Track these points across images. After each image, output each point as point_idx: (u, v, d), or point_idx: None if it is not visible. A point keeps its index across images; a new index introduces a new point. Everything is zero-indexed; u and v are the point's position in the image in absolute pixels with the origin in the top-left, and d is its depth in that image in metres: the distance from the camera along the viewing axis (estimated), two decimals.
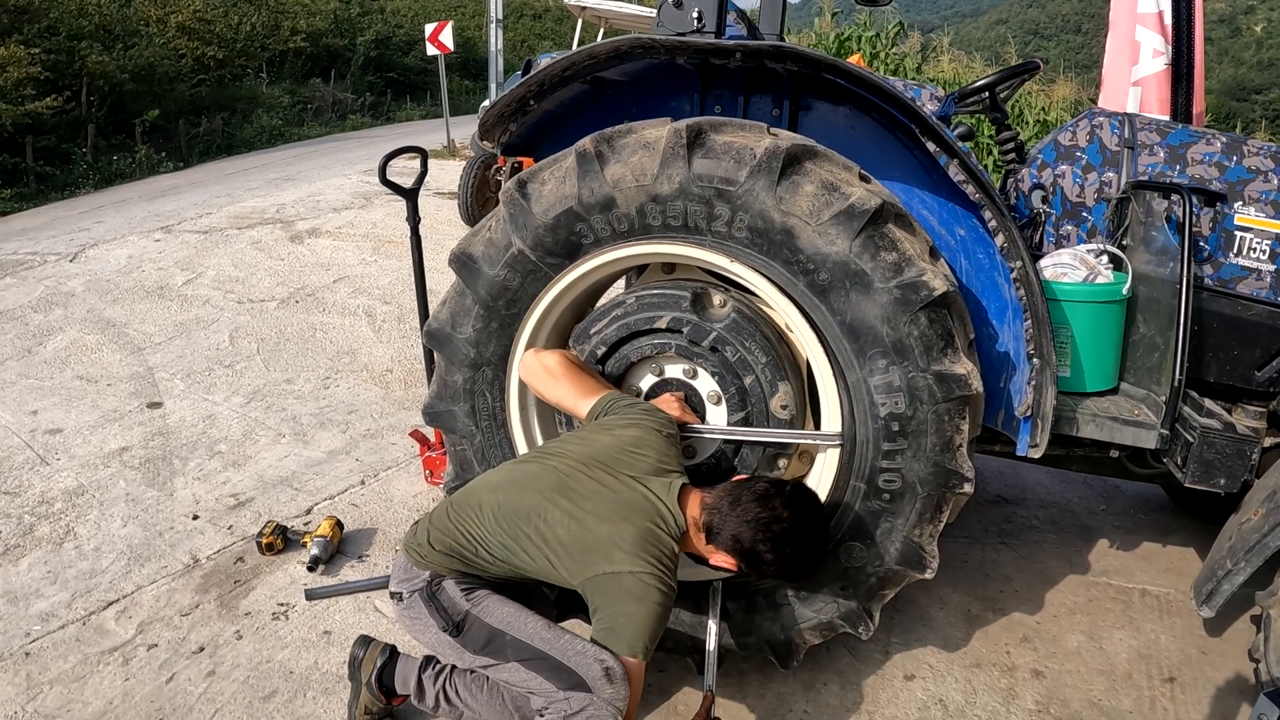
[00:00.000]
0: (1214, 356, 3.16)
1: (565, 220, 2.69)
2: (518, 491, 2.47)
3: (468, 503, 2.53)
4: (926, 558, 2.69)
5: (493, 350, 2.90)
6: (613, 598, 2.28)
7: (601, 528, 2.34)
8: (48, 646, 3.28)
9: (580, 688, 2.30)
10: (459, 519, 2.51)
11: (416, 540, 2.57)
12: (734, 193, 2.52)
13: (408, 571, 2.56)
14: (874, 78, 2.59)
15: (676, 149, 2.54)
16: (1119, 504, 4.56)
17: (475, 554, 2.47)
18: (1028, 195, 3.37)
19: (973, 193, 2.63)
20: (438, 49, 15.65)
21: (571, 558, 2.34)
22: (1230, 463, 2.83)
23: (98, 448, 4.82)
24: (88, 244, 9.01)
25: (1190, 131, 3.24)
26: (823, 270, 2.50)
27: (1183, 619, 3.61)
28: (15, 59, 14.48)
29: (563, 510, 2.39)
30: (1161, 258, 3.04)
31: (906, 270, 2.44)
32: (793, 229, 2.49)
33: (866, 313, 2.49)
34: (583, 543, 2.34)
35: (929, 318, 2.46)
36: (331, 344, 6.42)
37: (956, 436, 2.55)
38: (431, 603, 2.49)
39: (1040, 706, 3.09)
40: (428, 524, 2.58)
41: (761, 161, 2.48)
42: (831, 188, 2.48)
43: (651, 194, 2.59)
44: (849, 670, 3.21)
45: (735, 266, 2.58)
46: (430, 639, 2.55)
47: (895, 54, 13.92)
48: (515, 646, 2.41)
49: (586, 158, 2.63)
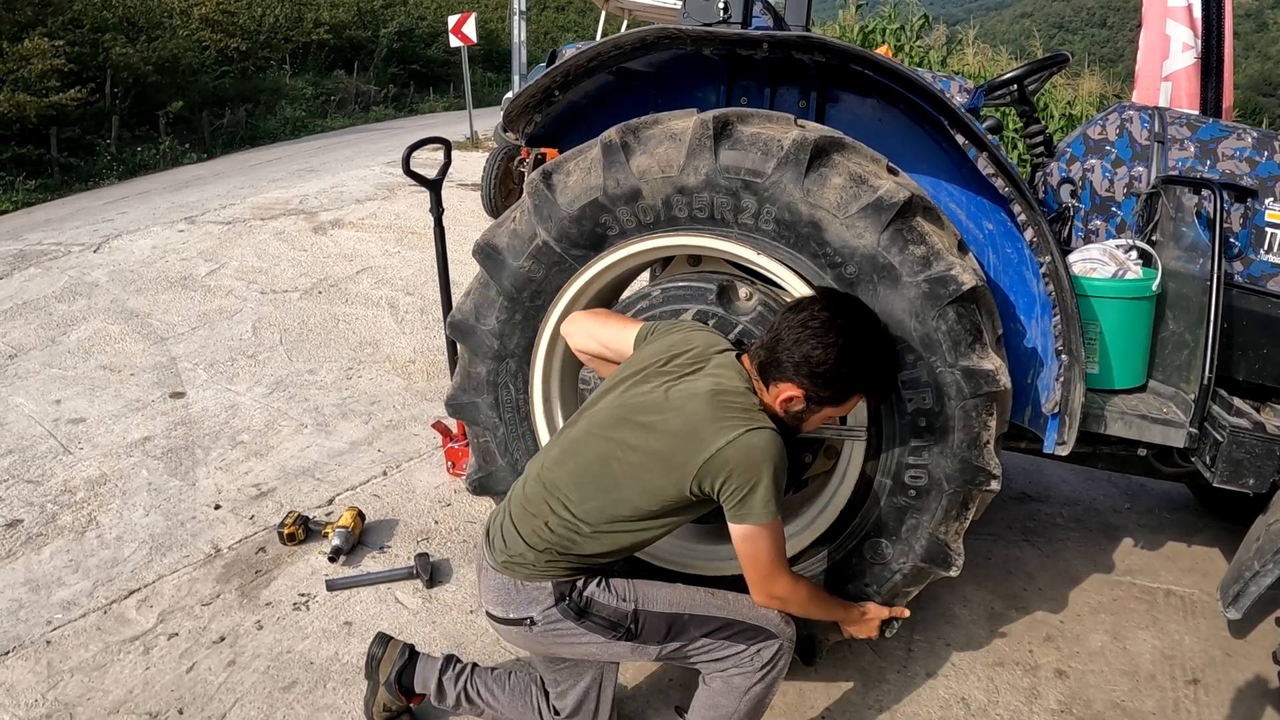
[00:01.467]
0: (1243, 355, 3.11)
1: (590, 211, 2.67)
2: (582, 448, 2.33)
3: (535, 493, 2.36)
4: (952, 555, 2.66)
5: (516, 342, 2.89)
6: (730, 474, 2.14)
7: (679, 420, 2.20)
8: (69, 635, 3.29)
9: (765, 637, 2.35)
10: (539, 510, 2.33)
11: (510, 554, 2.35)
12: (761, 185, 2.49)
13: (519, 591, 2.35)
14: (903, 69, 2.56)
15: (703, 140, 2.52)
16: (1144, 502, 4.52)
17: (575, 536, 2.29)
18: (1056, 189, 3.33)
19: (1002, 186, 2.60)
20: (461, 41, 15.66)
21: (670, 465, 2.19)
22: (1260, 463, 2.78)
23: (120, 437, 4.85)
24: (111, 235, 9.07)
25: (1221, 126, 3.20)
26: (850, 263, 2.47)
27: (1207, 620, 3.57)
28: (40, 51, 14.54)
29: (633, 432, 2.25)
30: (1191, 254, 3.00)
31: (935, 264, 2.42)
32: (820, 221, 2.47)
33: (894, 307, 2.46)
34: (671, 444, 2.19)
35: (957, 313, 2.43)
36: (354, 335, 6.44)
37: (984, 433, 2.52)
38: (586, 616, 2.33)
39: (1063, 706, 3.06)
40: (511, 532, 2.37)
41: (789, 153, 2.46)
42: (860, 180, 2.46)
43: (678, 185, 2.57)
44: (871, 668, 3.19)
45: (762, 259, 2.55)
46: (590, 651, 2.40)
47: (920, 47, 13.83)
48: (696, 623, 2.35)
49: (612, 148, 2.61)
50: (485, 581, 2.43)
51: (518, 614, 2.35)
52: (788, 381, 2.22)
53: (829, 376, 2.20)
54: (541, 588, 2.32)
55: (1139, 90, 5.61)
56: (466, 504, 4.18)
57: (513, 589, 2.34)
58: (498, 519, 2.45)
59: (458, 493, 4.27)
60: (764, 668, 2.35)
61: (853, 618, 2.63)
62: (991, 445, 2.55)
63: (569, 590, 2.33)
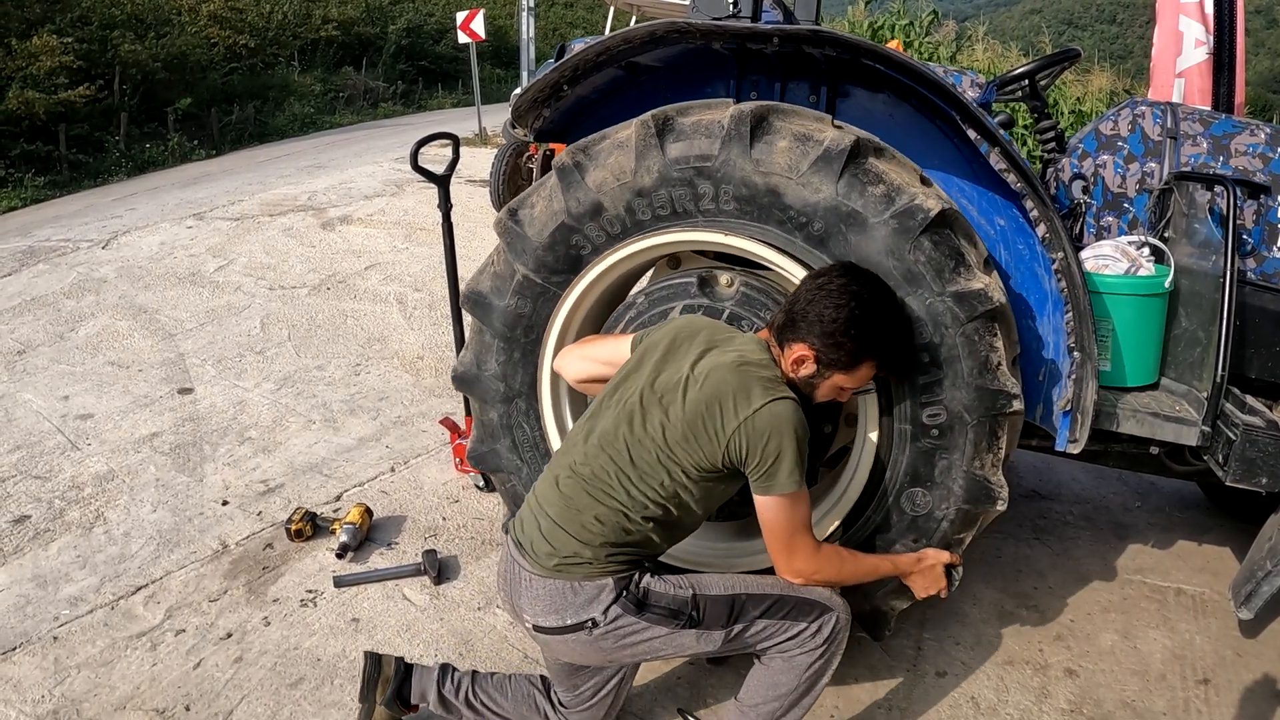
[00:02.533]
0: (1256, 352, 3.08)
1: (560, 235, 2.74)
2: (616, 437, 2.28)
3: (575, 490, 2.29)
4: (994, 489, 2.58)
5: (521, 380, 2.94)
6: (755, 444, 2.15)
7: (707, 390, 2.19)
8: (76, 631, 3.30)
9: (821, 612, 2.33)
10: (584, 504, 2.27)
11: (562, 555, 2.26)
12: (712, 167, 2.54)
13: (577, 593, 2.26)
14: (914, 63, 2.54)
15: (648, 140, 2.59)
16: (1154, 501, 4.49)
17: (625, 524, 2.25)
18: (1068, 185, 3.30)
19: (1014, 182, 2.58)
20: (469, 37, 15.66)
21: (702, 436, 2.18)
22: (1273, 461, 2.74)
23: (128, 433, 4.86)
24: (120, 231, 9.10)
25: (1234, 122, 3.17)
26: (816, 220, 2.49)
27: (1218, 619, 3.54)
28: (48, 48, 14.62)
29: (664, 412, 2.23)
30: (1204, 251, 2.97)
31: (898, 199, 2.42)
32: (777, 187, 2.50)
33: (868, 250, 2.45)
34: (701, 415, 2.18)
35: (932, 240, 2.42)
36: (363, 331, 6.44)
37: (992, 355, 2.47)
38: (646, 609, 2.26)
39: (1073, 706, 3.04)
40: (558, 534, 2.28)
41: (730, 129, 2.51)
42: (804, 138, 2.49)
43: (635, 189, 2.63)
44: (880, 666, 3.17)
45: (732, 239, 2.55)
46: (654, 647, 2.33)
47: (929, 43, 13.80)
48: (753, 602, 2.32)
49: (566, 170, 2.69)
50: (529, 594, 2.31)
51: (576, 618, 2.26)
52: (800, 341, 2.24)
53: (838, 337, 2.21)
54: (602, 585, 2.25)
55: (1153, 87, 5.59)
56: (475, 501, 4.18)
57: (569, 592, 2.26)
58: (531, 527, 2.35)
59: (465, 489, 4.27)
60: (824, 644, 2.33)
61: (908, 568, 2.55)
62: (1004, 366, 2.50)
63: (627, 584, 2.27)
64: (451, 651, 3.17)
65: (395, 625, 3.30)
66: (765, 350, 2.29)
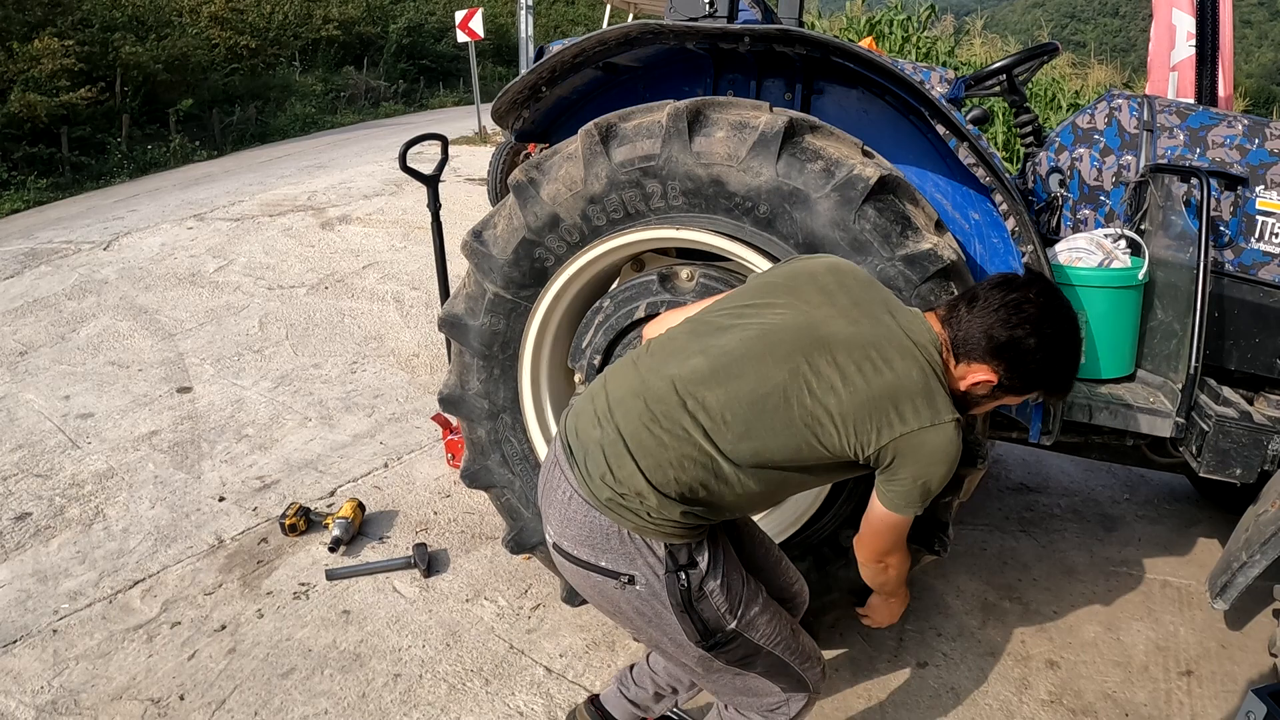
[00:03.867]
0: (1234, 344, 3.11)
1: (524, 250, 2.82)
2: (749, 372, 1.91)
3: (669, 414, 1.92)
4: (973, 448, 2.53)
5: (503, 396, 3.00)
6: (922, 458, 1.90)
7: (889, 377, 1.90)
8: (75, 624, 3.36)
9: (801, 689, 2.19)
10: (675, 436, 1.91)
11: (620, 489, 1.92)
12: (657, 166, 2.60)
13: (624, 543, 1.95)
14: (881, 60, 2.58)
15: (594, 148, 2.66)
16: (1143, 494, 4.51)
17: (712, 478, 1.92)
18: (1045, 179, 3.33)
19: (983, 176, 2.62)
20: (468, 36, 15.67)
21: (862, 423, 1.88)
22: (1246, 452, 2.77)
23: (128, 431, 4.92)
24: (121, 232, 9.15)
25: (1211, 114, 3.18)
26: (761, 203, 2.54)
27: (1203, 612, 3.56)
28: (50, 51, 14.64)
29: (830, 371, 1.90)
30: (1180, 242, 2.98)
31: (837, 171, 2.46)
32: (720, 177, 2.55)
33: (814, 225, 2.49)
34: (873, 400, 1.88)
35: (876, 207, 2.45)
36: (359, 329, 6.48)
37: None
38: (688, 612, 1.98)
39: (1053, 697, 3.07)
40: (624, 461, 1.92)
41: (669, 127, 2.56)
42: (741, 126, 2.54)
43: (587, 197, 2.70)
44: (861, 656, 3.21)
45: (683, 234, 2.61)
46: (664, 638, 2.07)
47: (927, 38, 13.80)
48: (766, 661, 2.12)
49: (522, 187, 2.77)
50: (564, 513, 2.00)
51: (614, 565, 1.97)
52: (982, 364, 2.00)
53: (1030, 368, 2.01)
54: (654, 547, 1.95)
55: (1151, 81, 5.59)
56: (465, 495, 4.22)
57: (614, 537, 1.95)
58: (589, 435, 1.99)
59: (457, 484, 4.31)
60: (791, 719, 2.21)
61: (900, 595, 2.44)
62: None
63: (685, 564, 1.97)
64: (439, 643, 3.23)
65: (385, 617, 3.36)
66: (938, 347, 2.00)
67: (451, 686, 3.03)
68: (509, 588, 3.55)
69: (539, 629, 3.32)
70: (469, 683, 3.05)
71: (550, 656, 3.18)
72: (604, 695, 2.70)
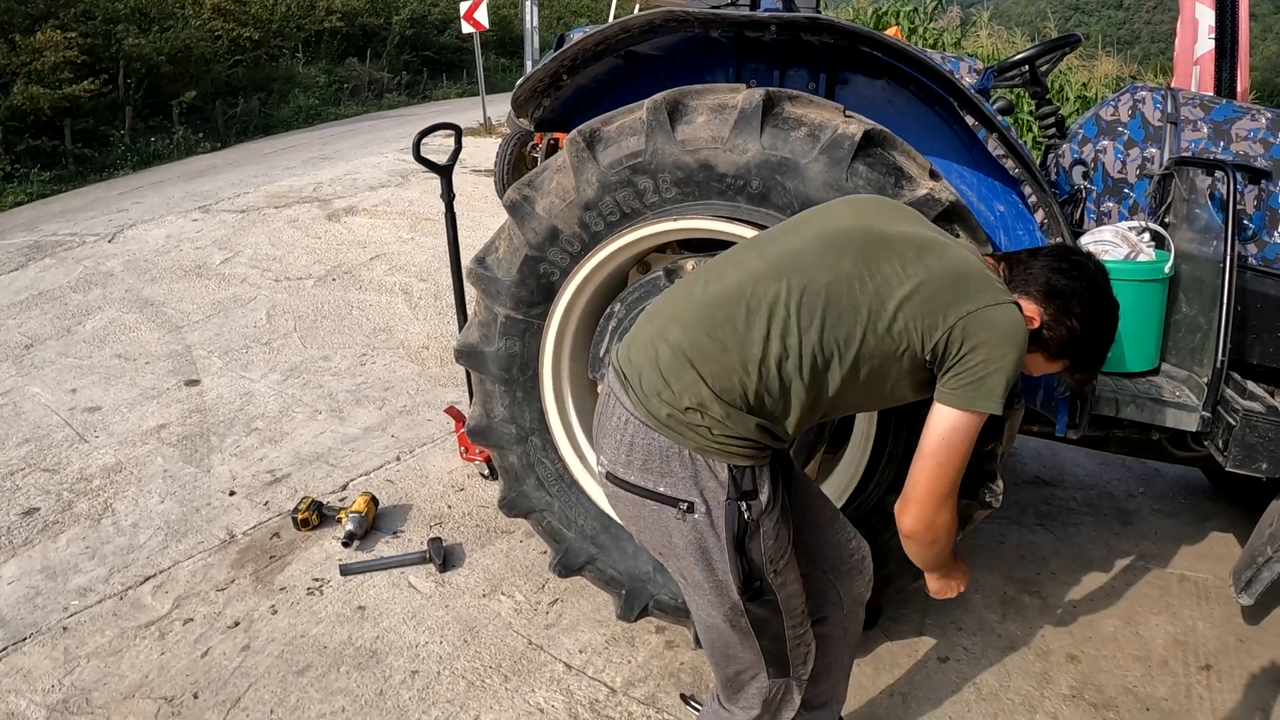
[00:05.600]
0: (1257, 338, 3.08)
1: (528, 268, 2.82)
2: (811, 265, 1.89)
3: (743, 311, 1.87)
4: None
5: (529, 418, 2.98)
6: (992, 338, 1.83)
7: (945, 260, 1.90)
8: (85, 621, 3.33)
9: (782, 674, 2.13)
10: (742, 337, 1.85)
11: (678, 404, 1.85)
12: (645, 161, 2.60)
13: (685, 465, 1.87)
14: (911, 50, 2.55)
15: (581, 155, 2.66)
16: (1158, 487, 4.49)
17: (781, 384, 1.86)
18: (1068, 171, 3.30)
19: (1012, 167, 2.59)
20: (473, 27, 15.63)
21: (925, 303, 1.84)
22: (1273, 447, 2.74)
23: (136, 425, 4.89)
24: (126, 224, 9.13)
25: (1235, 107, 3.16)
26: (752, 179, 2.53)
27: (1221, 606, 3.54)
28: (52, 43, 14.59)
29: (890, 262, 1.88)
30: (1205, 236, 2.97)
31: (821, 134, 2.45)
32: (708, 160, 2.55)
33: (808, 191, 2.48)
34: (935, 285, 1.85)
35: (866, 163, 2.45)
36: (368, 321, 6.46)
37: None
38: (739, 549, 1.91)
39: (1075, 691, 3.05)
40: (684, 370, 1.86)
41: (650, 121, 2.57)
42: (720, 108, 2.55)
43: (582, 204, 2.70)
44: (883, 653, 3.19)
45: (681, 224, 2.61)
46: (702, 579, 1.99)
47: (934, 29, 13.76)
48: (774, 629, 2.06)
49: (517, 205, 2.78)
50: (622, 435, 1.94)
51: (672, 490, 1.89)
52: (1032, 301, 1.99)
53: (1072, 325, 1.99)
54: (717, 468, 1.87)
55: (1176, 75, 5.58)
56: (479, 489, 4.20)
57: (674, 459, 1.87)
58: (643, 355, 1.94)
59: (470, 477, 4.29)
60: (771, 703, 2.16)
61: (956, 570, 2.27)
62: None
63: (748, 492, 1.90)
64: (456, 639, 3.20)
65: (401, 613, 3.33)
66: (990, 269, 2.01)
67: (470, 683, 3.00)
68: (526, 582, 3.53)
69: (557, 624, 3.29)
70: (488, 679, 3.02)
71: (570, 652, 3.15)
72: None
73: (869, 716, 2.93)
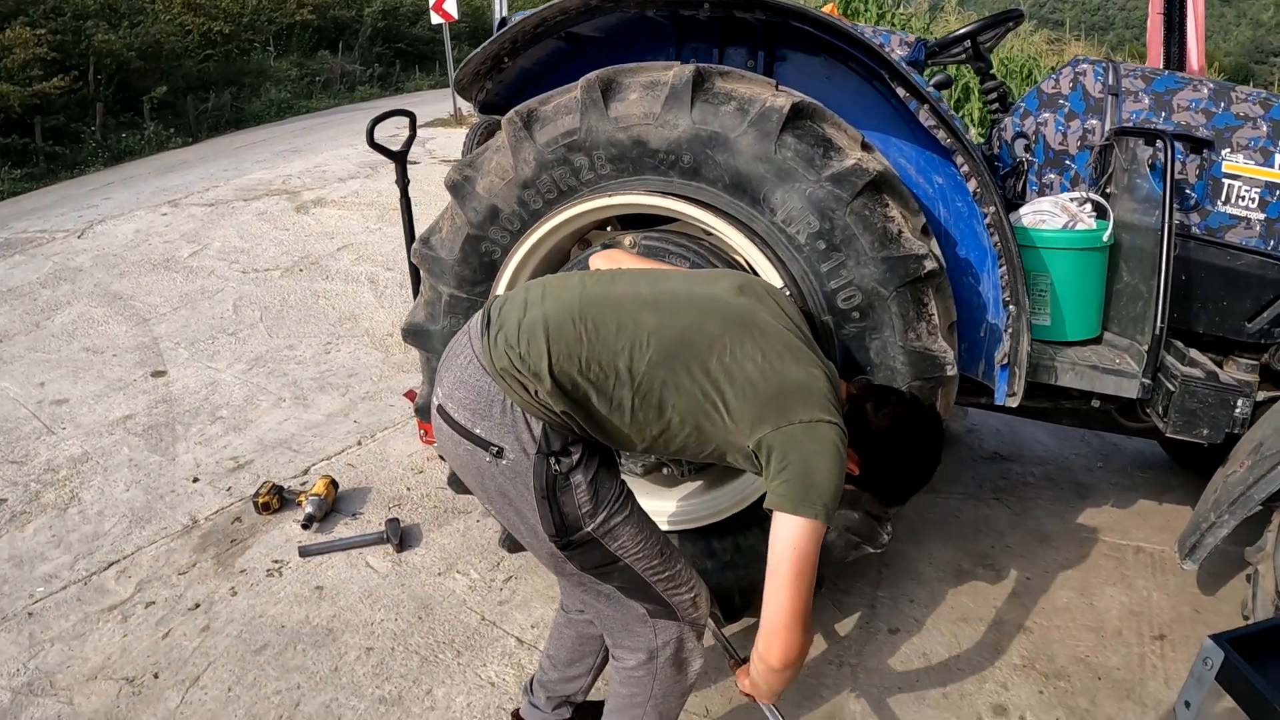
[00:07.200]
0: (1203, 307, 3.10)
1: (470, 247, 2.88)
2: (687, 318, 1.98)
3: (602, 317, 1.97)
4: (938, 355, 2.55)
5: None
6: (812, 451, 1.88)
7: (797, 371, 1.96)
8: (50, 606, 3.37)
9: (668, 615, 2.15)
10: (600, 334, 1.94)
11: (523, 368, 1.92)
12: (580, 139, 2.66)
13: (505, 414, 1.95)
14: (841, 24, 2.58)
15: (519, 135, 2.72)
16: (1117, 461, 4.52)
17: (610, 394, 1.93)
18: (1010, 144, 3.33)
19: (944, 138, 2.61)
20: (442, 18, 15.54)
21: (761, 403, 1.91)
22: (1213, 412, 2.78)
23: (103, 416, 4.90)
24: (95, 220, 9.09)
25: (1177, 78, 3.17)
26: (684, 154, 2.58)
27: (1176, 576, 3.56)
28: (21, 40, 14.46)
29: (754, 344, 1.96)
30: (1146, 205, 2.98)
31: (750, 109, 2.50)
32: (640, 136, 2.60)
33: (739, 164, 2.53)
34: (777, 384, 1.92)
35: (794, 134, 2.48)
36: (334, 310, 6.47)
37: (889, 225, 2.49)
38: (549, 499, 1.96)
39: (1026, 661, 3.08)
40: (538, 341, 1.92)
41: (584, 100, 2.62)
42: (652, 84, 2.60)
43: (520, 183, 2.76)
44: (831, 623, 3.23)
45: (615, 199, 2.66)
46: (522, 527, 2.05)
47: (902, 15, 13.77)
48: (624, 576, 2.09)
49: (458, 186, 2.85)
50: (462, 374, 2.01)
51: (487, 434, 1.96)
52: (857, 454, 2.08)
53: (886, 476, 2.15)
54: (533, 426, 1.94)
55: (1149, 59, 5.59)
56: (439, 471, 4.22)
57: (497, 406, 1.95)
58: (518, 313, 2.01)
59: (430, 460, 4.32)
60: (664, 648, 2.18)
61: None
62: (906, 231, 2.51)
63: (558, 452, 1.96)
64: (411, 616, 3.24)
65: (358, 592, 3.36)
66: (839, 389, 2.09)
67: (424, 659, 3.04)
68: (481, 561, 3.56)
69: (511, 600, 3.33)
70: (441, 654, 3.06)
71: (522, 628, 3.19)
72: (523, 710, 2.65)
73: (816, 685, 2.95)
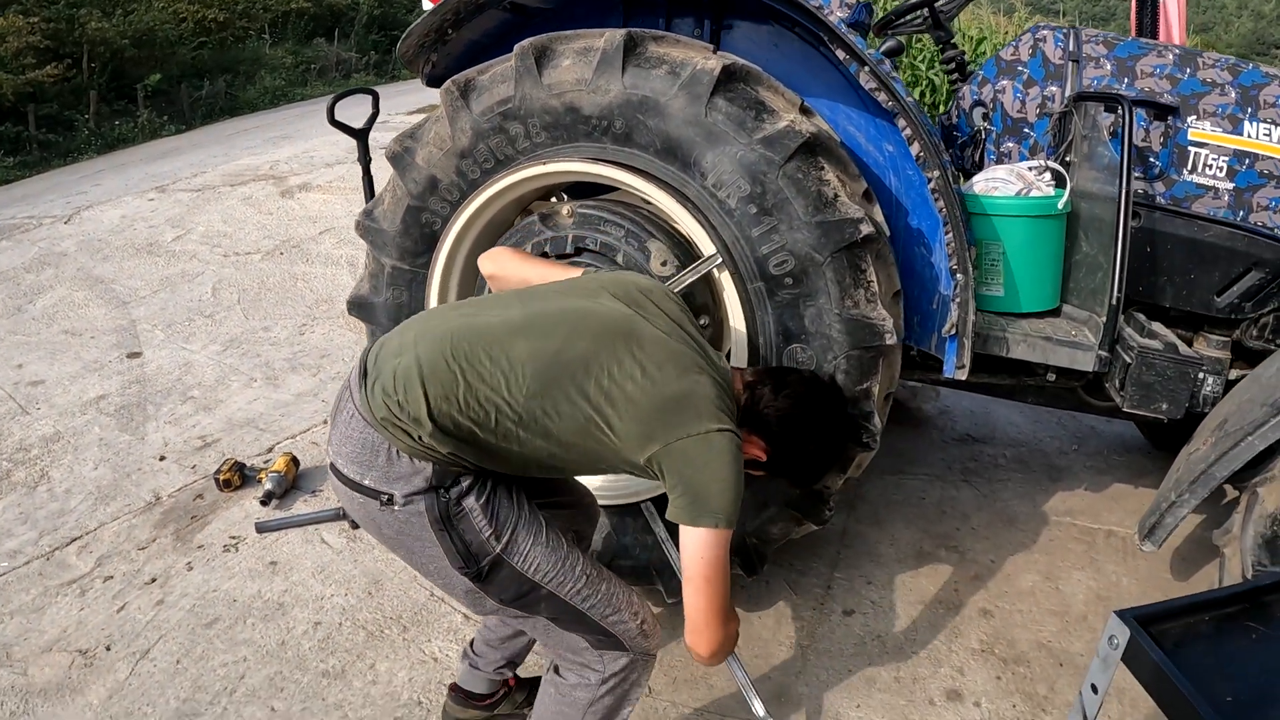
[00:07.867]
0: (1169, 280, 3.01)
1: (411, 218, 2.89)
2: (558, 335, 1.96)
3: (473, 353, 1.93)
4: (877, 324, 2.51)
5: None
6: (702, 463, 1.89)
7: (679, 383, 1.94)
8: (12, 581, 3.40)
9: (613, 646, 2.10)
10: (472, 373, 1.91)
11: (402, 414, 1.89)
12: (514, 107, 2.66)
13: (391, 463, 1.91)
14: None
15: (455, 104, 2.73)
16: (1092, 445, 4.42)
17: (494, 428, 1.90)
18: (969, 113, 3.27)
19: (885, 100, 2.56)
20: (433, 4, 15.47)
21: (645, 420, 1.91)
22: (1171, 386, 2.69)
23: (77, 397, 4.91)
24: (83, 206, 9.06)
25: (1140, 44, 3.06)
26: (616, 119, 2.58)
27: (1147, 561, 3.46)
28: (15, 29, 14.43)
29: (632, 360, 1.94)
30: (1106, 174, 2.88)
31: (681, 73, 2.49)
32: (573, 103, 2.60)
33: (669, 128, 2.51)
34: (659, 400, 1.92)
35: (726, 97, 2.47)
36: (311, 292, 6.46)
37: (824, 189, 2.46)
38: (446, 529, 1.93)
39: (985, 645, 3.00)
40: (414, 387, 1.89)
41: (518, 67, 2.63)
42: (585, 50, 2.61)
43: (458, 153, 2.77)
44: (785, 605, 3.18)
45: (551, 166, 2.64)
46: (431, 568, 2.03)
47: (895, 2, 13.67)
48: (552, 604, 2.04)
49: (398, 157, 2.87)
50: (347, 430, 1.96)
51: (376, 484, 1.93)
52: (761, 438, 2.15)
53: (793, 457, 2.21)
54: (419, 468, 1.91)
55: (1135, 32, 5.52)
56: None
57: (382, 455, 1.91)
58: (394, 360, 1.96)
59: None
60: (606, 680, 2.11)
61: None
62: (843, 195, 2.48)
63: (449, 484, 1.94)
64: (361, 591, 3.23)
65: (311, 567, 3.37)
66: (731, 385, 2.13)
67: (370, 633, 3.03)
68: None
69: None
70: (387, 630, 3.06)
71: None
72: (460, 679, 2.62)
73: (766, 669, 2.91)
